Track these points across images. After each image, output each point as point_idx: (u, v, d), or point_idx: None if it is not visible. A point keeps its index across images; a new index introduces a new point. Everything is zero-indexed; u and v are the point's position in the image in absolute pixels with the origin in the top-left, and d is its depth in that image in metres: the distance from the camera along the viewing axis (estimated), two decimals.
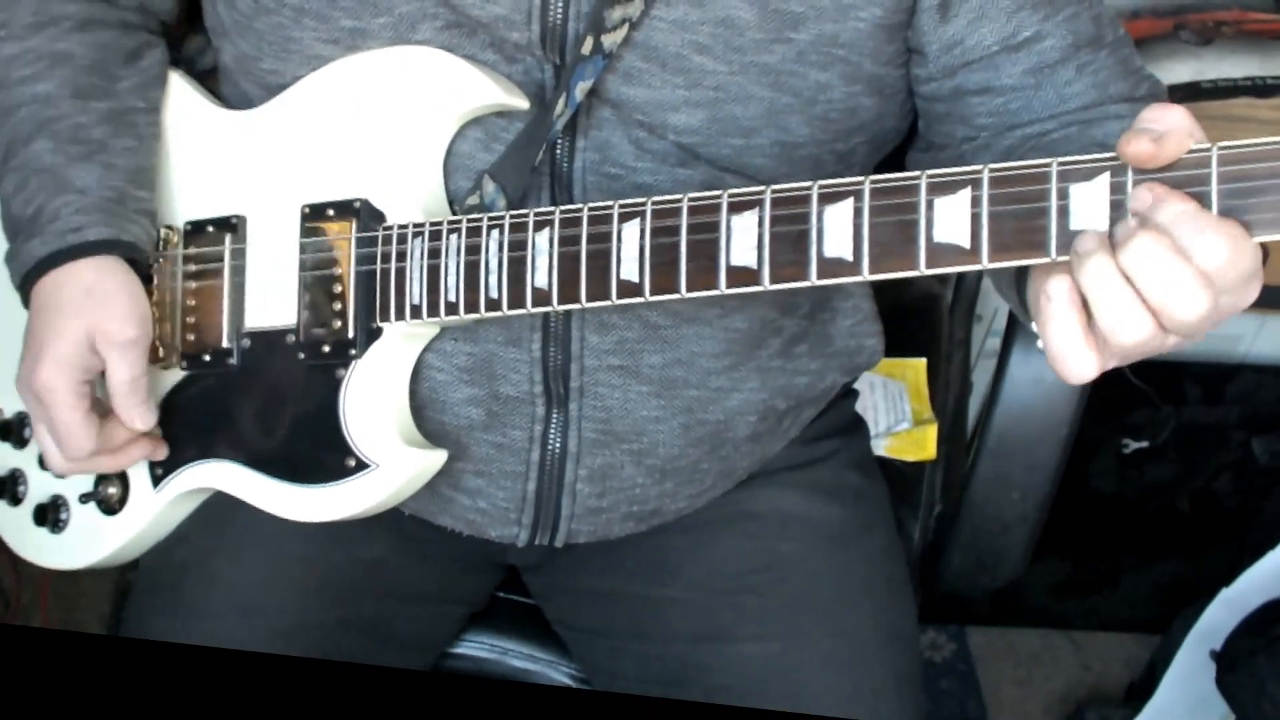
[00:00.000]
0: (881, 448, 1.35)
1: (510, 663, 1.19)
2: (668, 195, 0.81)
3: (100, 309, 0.94)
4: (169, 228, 1.01)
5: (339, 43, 0.93)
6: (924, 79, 0.94)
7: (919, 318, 1.45)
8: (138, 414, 0.96)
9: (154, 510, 1.02)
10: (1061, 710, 2.01)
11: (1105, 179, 0.69)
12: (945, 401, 1.41)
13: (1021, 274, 0.82)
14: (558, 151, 0.93)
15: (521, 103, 0.91)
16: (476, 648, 1.19)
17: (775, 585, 1.06)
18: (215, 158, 1.01)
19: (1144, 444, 1.93)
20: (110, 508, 1.04)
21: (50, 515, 1.06)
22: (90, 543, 1.05)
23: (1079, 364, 0.71)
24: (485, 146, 0.93)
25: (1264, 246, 0.69)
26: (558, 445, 0.99)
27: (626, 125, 0.92)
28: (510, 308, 0.86)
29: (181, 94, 1.04)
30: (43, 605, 1.78)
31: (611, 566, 1.09)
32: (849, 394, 1.20)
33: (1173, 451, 1.95)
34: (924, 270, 0.72)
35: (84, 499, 1.04)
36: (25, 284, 0.97)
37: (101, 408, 0.97)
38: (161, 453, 1.00)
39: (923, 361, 1.41)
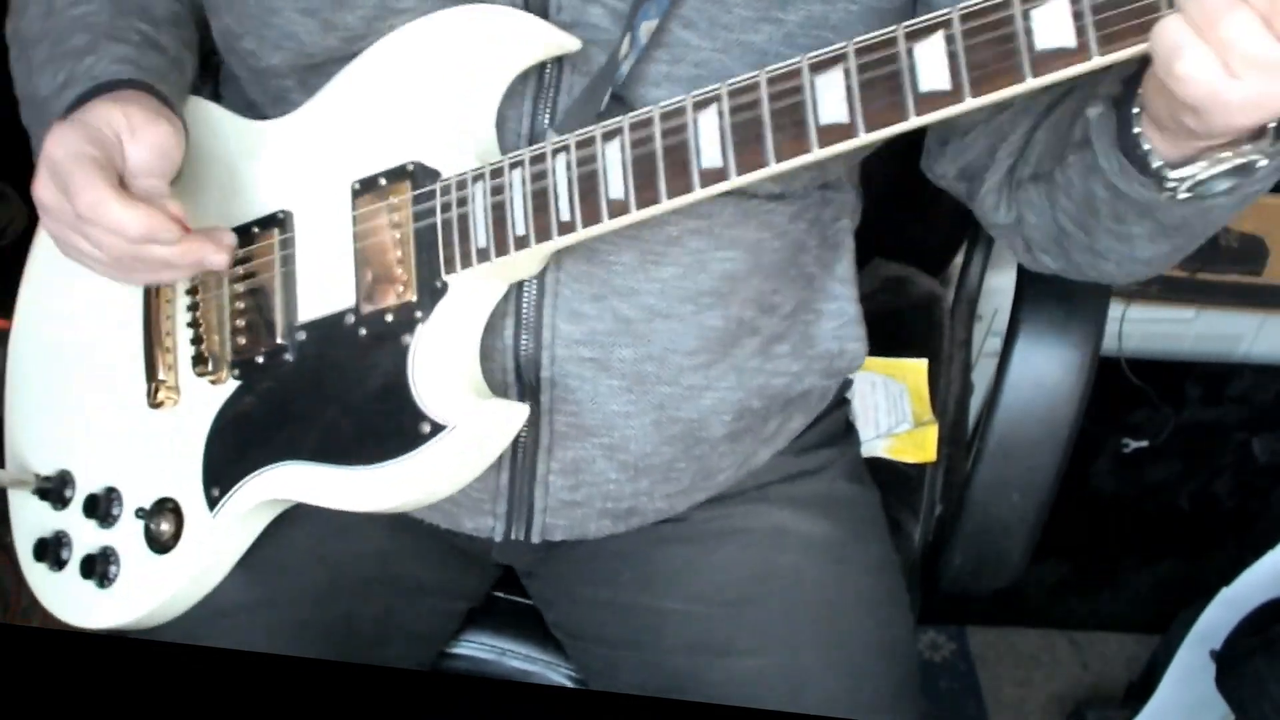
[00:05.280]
0: (882, 449, 1.35)
1: (509, 663, 1.18)
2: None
3: (134, 105, 0.90)
4: None
5: (316, 15, 0.91)
6: None
7: (920, 318, 1.45)
8: (154, 191, 0.89)
9: (213, 539, 0.97)
10: (1061, 710, 2.01)
11: None
12: (946, 402, 1.41)
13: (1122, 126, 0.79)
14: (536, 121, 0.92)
15: (572, 43, 0.89)
16: (475, 648, 1.19)
17: (772, 597, 1.06)
18: (251, 167, 0.99)
19: (1144, 444, 1.93)
20: (163, 546, 0.99)
21: (99, 568, 1.01)
22: (143, 590, 0.99)
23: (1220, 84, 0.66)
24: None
25: None
26: (528, 437, 0.98)
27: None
28: (585, 225, 0.84)
29: (206, 112, 1.03)
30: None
31: (608, 576, 1.09)
32: (841, 403, 1.20)
33: (1173, 451, 1.95)
34: (1031, 81, 0.70)
35: (138, 513, 1.00)
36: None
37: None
38: (227, 242, 0.92)
39: (924, 363, 1.41)
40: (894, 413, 1.38)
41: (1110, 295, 1.15)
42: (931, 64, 0.73)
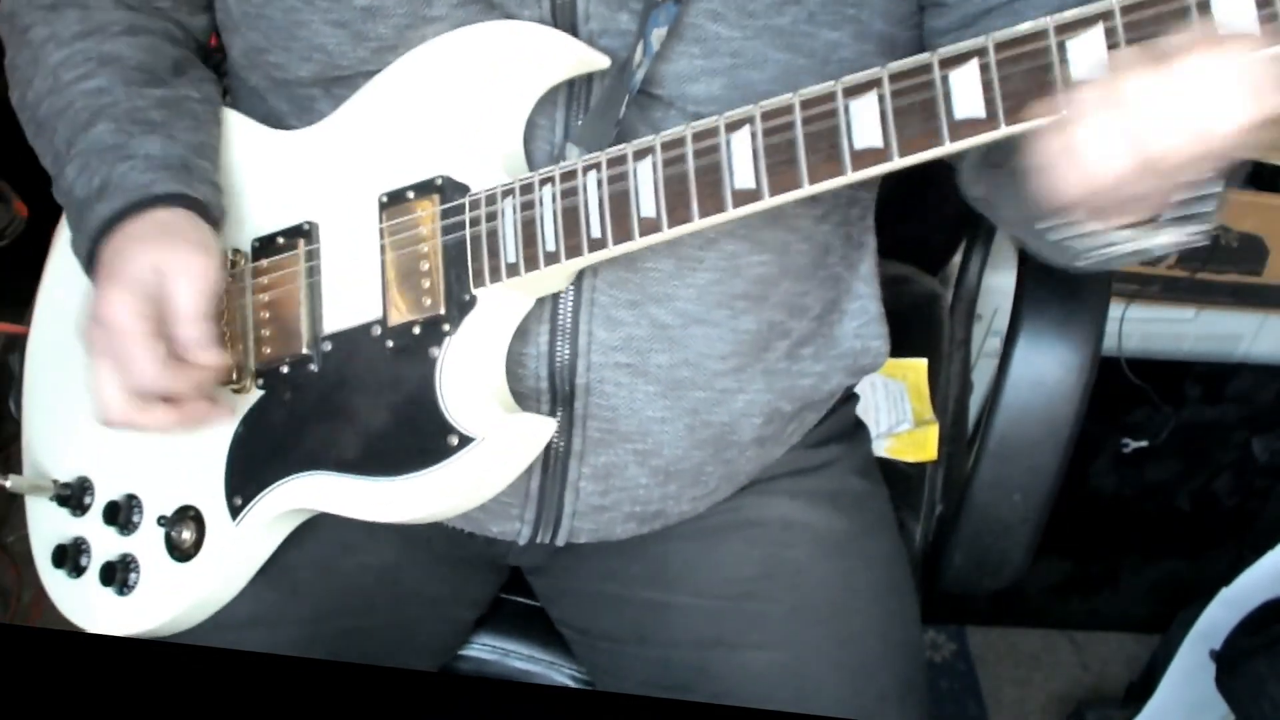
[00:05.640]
0: (883, 449, 1.35)
1: (511, 664, 1.18)
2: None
3: (171, 241, 0.91)
4: (235, 251, 0.99)
5: (347, 26, 0.91)
6: (943, 30, 0.93)
7: (919, 318, 1.45)
8: (200, 342, 0.90)
9: (236, 548, 0.97)
10: (1061, 710, 2.01)
11: None
12: (946, 402, 1.41)
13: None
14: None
15: (602, 61, 0.89)
16: (478, 649, 1.18)
17: (780, 592, 1.06)
18: (277, 177, 0.99)
19: (1144, 444, 1.93)
20: (184, 554, 0.98)
21: (119, 575, 1.00)
22: (164, 597, 0.99)
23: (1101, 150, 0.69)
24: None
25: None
26: (561, 443, 0.99)
27: (642, 104, 0.91)
28: (616, 243, 0.84)
29: (233, 121, 1.02)
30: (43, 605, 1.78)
31: (616, 570, 1.09)
32: (850, 398, 1.20)
33: (1173, 451, 1.95)
34: (1066, 111, 0.70)
35: (160, 521, 1.00)
36: (94, 248, 0.93)
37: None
38: (223, 416, 0.95)
39: (923, 362, 1.41)
40: (894, 412, 1.38)
41: (1110, 295, 1.15)
42: (966, 91, 0.73)
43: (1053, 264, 0.95)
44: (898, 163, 0.76)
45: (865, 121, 0.76)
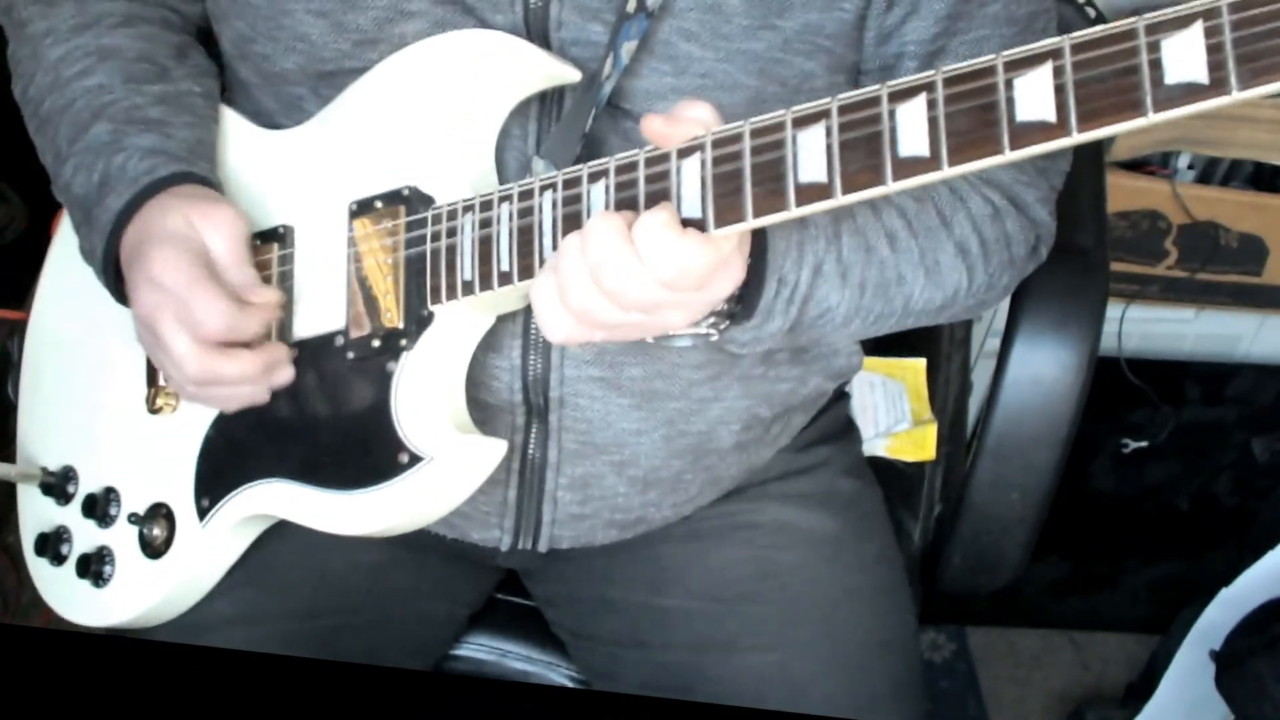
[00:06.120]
0: (881, 448, 1.35)
1: (509, 664, 1.18)
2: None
3: (193, 200, 0.92)
4: None
5: (328, 16, 0.91)
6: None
7: None
8: (251, 283, 0.91)
9: (203, 549, 0.98)
10: (1061, 710, 2.01)
11: (1199, 27, 0.63)
12: (945, 402, 1.41)
13: None
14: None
15: (572, 74, 0.89)
16: (476, 649, 1.19)
17: (774, 594, 1.06)
18: (261, 178, 0.99)
19: (1144, 444, 1.93)
20: (155, 550, 1.00)
21: (94, 567, 1.02)
22: (136, 591, 1.00)
23: (554, 325, 0.80)
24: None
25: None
26: (537, 455, 0.99)
27: (614, 116, 0.91)
28: None
29: (226, 120, 1.02)
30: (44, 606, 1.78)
31: (611, 575, 1.09)
32: (840, 398, 1.20)
33: (1173, 451, 1.95)
34: (1009, 154, 0.68)
35: (131, 518, 1.01)
36: (110, 246, 0.93)
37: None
38: (288, 374, 0.94)
39: (922, 362, 1.41)
40: (893, 411, 1.38)
41: (1107, 294, 1.15)
42: (912, 128, 0.71)
43: None
44: (839, 200, 0.73)
45: (811, 155, 0.74)
